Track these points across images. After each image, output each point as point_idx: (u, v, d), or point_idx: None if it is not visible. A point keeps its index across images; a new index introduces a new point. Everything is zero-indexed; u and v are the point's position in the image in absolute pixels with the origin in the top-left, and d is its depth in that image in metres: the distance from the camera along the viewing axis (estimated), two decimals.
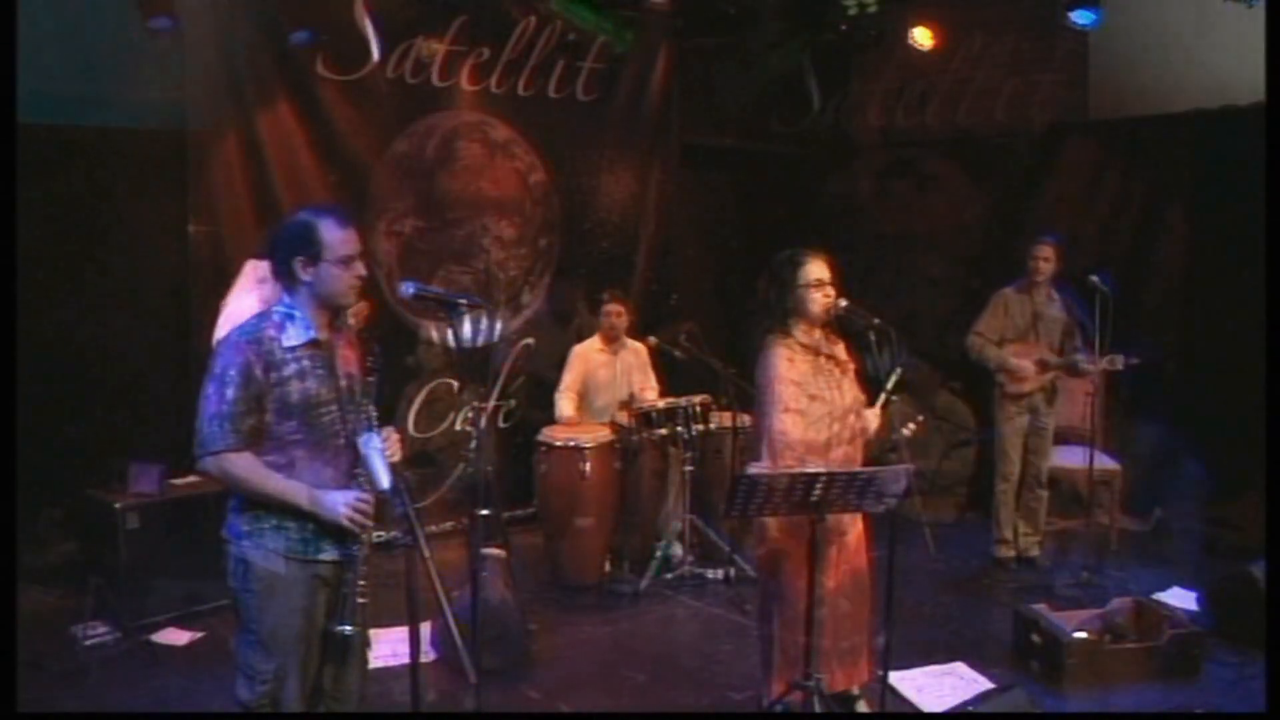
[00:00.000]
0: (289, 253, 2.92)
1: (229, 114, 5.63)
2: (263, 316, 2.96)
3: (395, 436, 3.02)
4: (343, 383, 2.99)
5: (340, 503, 2.87)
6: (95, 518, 5.04)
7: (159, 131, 5.61)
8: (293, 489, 2.88)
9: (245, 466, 2.86)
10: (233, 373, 2.83)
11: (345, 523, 2.87)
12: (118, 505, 4.90)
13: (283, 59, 5.77)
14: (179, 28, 5.28)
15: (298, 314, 2.93)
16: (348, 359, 3.04)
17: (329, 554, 2.96)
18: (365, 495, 2.90)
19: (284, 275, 2.95)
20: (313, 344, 2.94)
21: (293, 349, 2.91)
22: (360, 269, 2.97)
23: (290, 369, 2.89)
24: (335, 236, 2.92)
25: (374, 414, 2.95)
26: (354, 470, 2.96)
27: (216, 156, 5.61)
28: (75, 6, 5.25)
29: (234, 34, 5.58)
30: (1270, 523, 4.01)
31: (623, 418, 5.82)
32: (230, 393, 2.83)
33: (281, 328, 2.91)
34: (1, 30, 3.28)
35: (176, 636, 4.86)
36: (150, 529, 4.96)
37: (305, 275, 2.91)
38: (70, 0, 5.25)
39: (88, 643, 4.71)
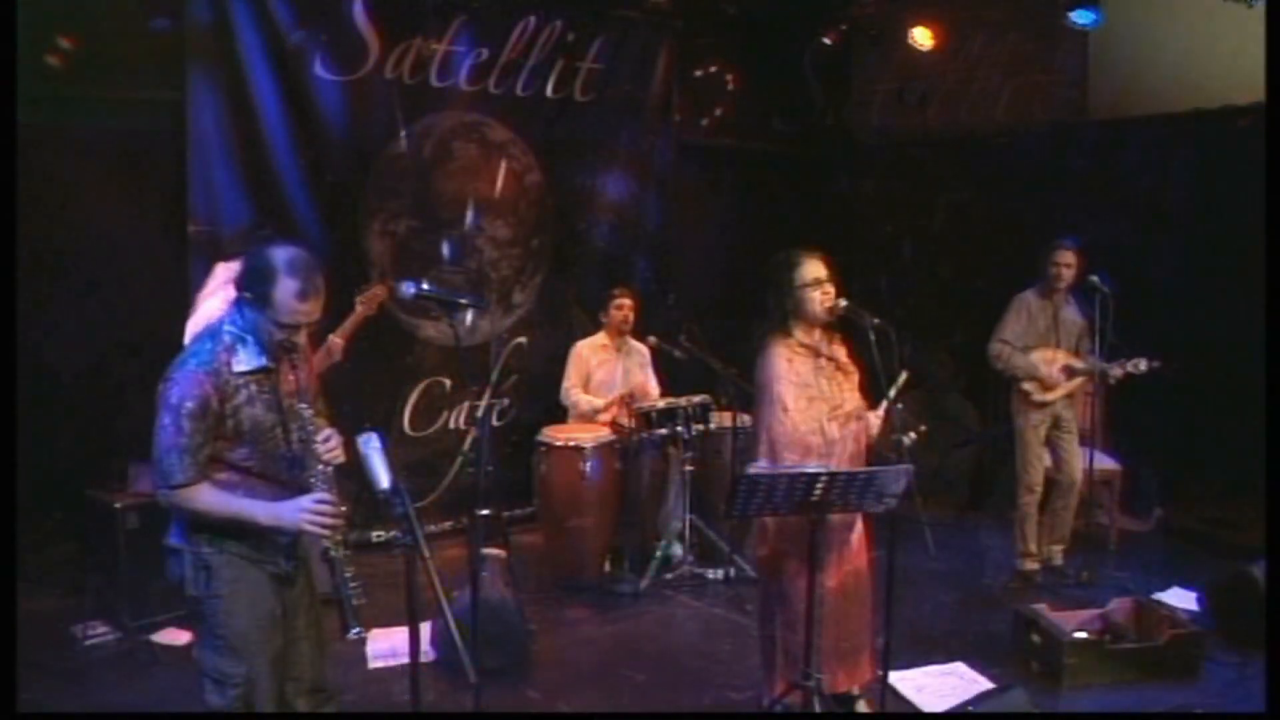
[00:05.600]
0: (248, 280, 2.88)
1: (229, 114, 5.63)
2: (216, 340, 2.92)
3: (336, 439, 3.00)
4: (286, 403, 2.97)
5: (296, 510, 2.86)
6: (95, 518, 5.03)
7: (159, 131, 5.61)
8: (250, 508, 2.89)
9: (204, 499, 2.87)
10: (190, 404, 2.81)
11: (306, 528, 2.86)
12: (118, 505, 4.89)
13: (283, 59, 5.77)
14: (179, 28, 5.28)
15: (249, 338, 2.91)
16: (289, 381, 2.99)
17: (280, 567, 3.02)
18: (323, 496, 2.87)
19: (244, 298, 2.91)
20: (261, 370, 2.93)
21: (242, 374, 2.90)
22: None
23: (241, 396, 2.89)
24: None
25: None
26: (300, 483, 2.94)
27: (216, 157, 5.61)
28: (75, 6, 5.25)
29: (233, 34, 5.58)
30: (1270, 523, 4.00)
31: (623, 418, 5.82)
32: (188, 425, 2.81)
33: (233, 351, 2.90)
34: (1, 30, 3.28)
35: (176, 636, 4.85)
36: (150, 529, 4.95)
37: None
38: (70, 0, 5.25)
39: (88, 643, 4.72)
